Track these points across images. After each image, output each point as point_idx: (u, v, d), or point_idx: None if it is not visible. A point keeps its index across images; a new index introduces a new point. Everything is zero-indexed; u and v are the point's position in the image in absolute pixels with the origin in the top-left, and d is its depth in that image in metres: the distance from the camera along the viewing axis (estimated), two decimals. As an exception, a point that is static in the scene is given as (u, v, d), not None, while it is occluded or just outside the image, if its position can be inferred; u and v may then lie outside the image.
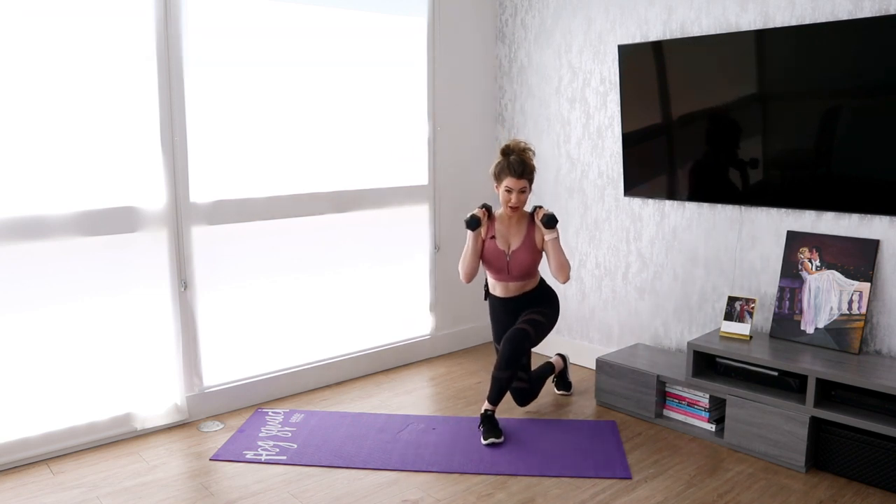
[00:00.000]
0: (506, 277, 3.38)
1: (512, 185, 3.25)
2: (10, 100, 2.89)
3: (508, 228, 3.36)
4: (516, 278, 3.37)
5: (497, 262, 3.35)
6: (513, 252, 3.32)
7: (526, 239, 3.34)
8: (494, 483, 2.89)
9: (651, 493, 2.81)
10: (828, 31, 3.04)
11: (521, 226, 3.36)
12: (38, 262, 3.02)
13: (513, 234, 3.35)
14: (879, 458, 2.80)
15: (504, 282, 3.40)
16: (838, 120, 3.06)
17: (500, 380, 3.25)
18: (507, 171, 3.25)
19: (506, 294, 3.43)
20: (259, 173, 3.63)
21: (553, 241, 3.29)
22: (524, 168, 3.24)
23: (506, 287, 3.42)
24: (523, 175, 3.24)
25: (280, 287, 3.79)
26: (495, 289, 3.45)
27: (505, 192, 3.28)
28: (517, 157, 3.26)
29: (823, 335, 3.16)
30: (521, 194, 3.26)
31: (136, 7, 3.15)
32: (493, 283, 3.46)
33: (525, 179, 3.25)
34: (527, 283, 3.42)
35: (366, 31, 3.96)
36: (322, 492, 2.83)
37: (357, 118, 3.98)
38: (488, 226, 3.37)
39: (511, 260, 3.32)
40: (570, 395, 3.84)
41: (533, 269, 3.38)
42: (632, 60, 3.73)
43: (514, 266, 3.33)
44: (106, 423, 3.25)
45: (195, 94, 3.37)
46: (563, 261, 3.28)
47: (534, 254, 3.34)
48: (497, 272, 3.38)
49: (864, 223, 3.11)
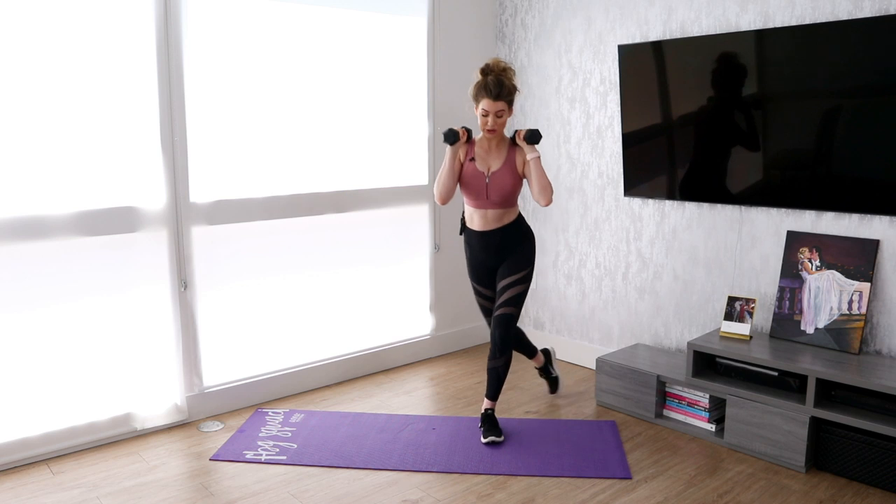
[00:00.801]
0: (484, 203, 3.20)
1: (488, 108, 3.06)
2: (11, 100, 2.89)
3: (488, 152, 3.20)
4: (495, 204, 3.19)
5: (476, 184, 3.18)
6: (492, 174, 3.16)
7: (506, 162, 3.17)
8: (494, 483, 2.89)
9: (651, 493, 2.81)
10: (828, 31, 3.04)
11: (502, 149, 3.20)
12: (38, 262, 3.02)
13: (493, 158, 3.19)
14: (879, 458, 2.80)
15: (482, 209, 3.21)
16: (838, 120, 3.06)
17: (497, 369, 3.24)
18: (484, 91, 3.05)
19: (484, 226, 3.23)
20: (259, 173, 3.63)
21: (535, 160, 3.13)
22: (501, 89, 3.04)
23: (484, 216, 3.22)
24: (500, 97, 3.04)
25: (280, 287, 3.79)
26: (473, 220, 3.26)
27: (482, 115, 3.10)
28: (495, 78, 3.06)
29: (823, 335, 3.16)
30: (498, 118, 3.08)
31: (136, 7, 3.15)
32: (470, 214, 3.27)
33: (503, 101, 3.06)
34: (505, 213, 3.23)
35: (366, 31, 3.96)
36: (322, 492, 2.83)
37: (357, 118, 3.98)
38: (467, 148, 3.21)
39: (490, 182, 3.16)
40: (558, 394, 3.83)
41: (512, 195, 3.20)
42: (632, 60, 3.73)
43: (494, 189, 3.17)
44: (106, 423, 3.25)
45: (195, 94, 3.37)
46: (546, 182, 3.12)
47: (514, 177, 3.17)
48: (476, 197, 3.21)
49: (864, 223, 3.11)
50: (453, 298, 4.57)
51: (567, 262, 4.33)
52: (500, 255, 3.29)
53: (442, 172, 3.19)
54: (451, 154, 3.18)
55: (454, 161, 3.18)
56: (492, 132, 3.12)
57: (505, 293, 3.26)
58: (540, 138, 3.15)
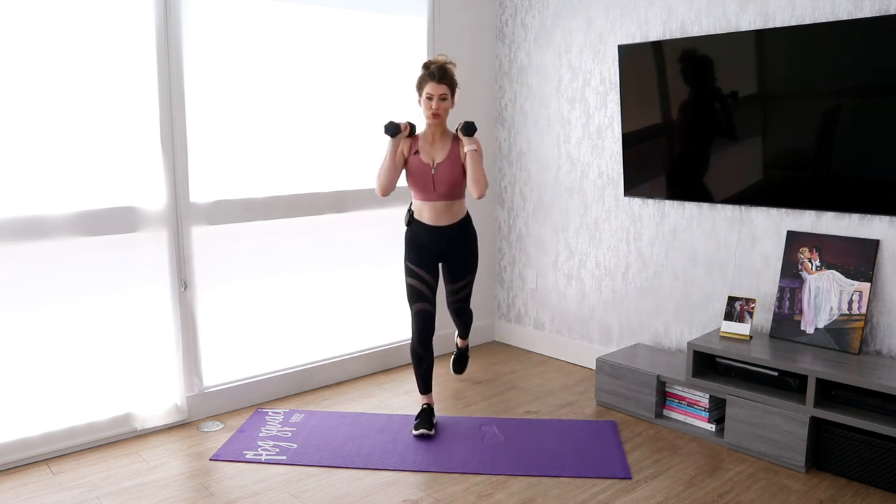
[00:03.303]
0: (432, 195, 3.25)
1: (432, 91, 3.16)
2: (11, 100, 2.89)
3: (432, 144, 3.28)
4: (442, 196, 3.25)
5: (422, 176, 3.24)
6: (438, 165, 3.23)
7: (450, 153, 3.25)
8: (494, 483, 2.89)
9: (651, 493, 2.81)
10: (828, 31, 3.04)
11: (446, 141, 3.28)
12: (38, 262, 3.02)
13: (437, 150, 3.27)
14: (879, 458, 2.80)
15: (431, 201, 3.26)
16: (838, 120, 3.06)
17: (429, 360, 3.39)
18: (428, 77, 3.18)
19: (436, 220, 3.27)
20: (259, 173, 3.63)
21: (472, 151, 3.18)
22: (444, 73, 3.18)
23: (434, 209, 3.26)
24: (443, 80, 3.17)
25: (280, 287, 3.79)
26: (422, 214, 3.29)
27: (426, 100, 3.19)
28: (438, 66, 3.20)
29: (823, 335, 3.16)
30: (441, 101, 3.18)
31: (136, 7, 3.15)
32: (419, 208, 3.30)
33: (445, 85, 3.17)
34: (454, 204, 3.29)
35: (366, 31, 3.96)
36: (322, 492, 2.83)
37: (357, 118, 3.98)
38: (411, 143, 3.29)
39: (436, 173, 3.23)
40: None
41: (458, 186, 3.27)
42: (632, 60, 3.73)
43: (440, 180, 3.24)
44: (106, 423, 3.25)
45: (195, 94, 3.37)
46: (481, 175, 3.18)
47: (458, 168, 3.24)
48: (423, 189, 3.26)
49: (864, 223, 3.11)
50: (453, 298, 4.57)
51: (567, 262, 4.33)
52: (448, 250, 3.34)
53: (382, 165, 3.24)
54: (391, 146, 3.23)
55: (395, 153, 3.24)
56: (436, 116, 3.20)
57: (458, 293, 3.47)
58: (475, 130, 3.22)
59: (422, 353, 3.33)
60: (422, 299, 3.31)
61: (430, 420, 3.33)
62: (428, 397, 3.43)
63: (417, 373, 3.39)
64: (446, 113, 3.23)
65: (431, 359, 3.37)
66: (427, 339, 3.32)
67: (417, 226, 3.33)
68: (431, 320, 3.33)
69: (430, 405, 3.41)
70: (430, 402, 3.43)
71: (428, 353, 3.34)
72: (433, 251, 3.33)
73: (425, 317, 3.31)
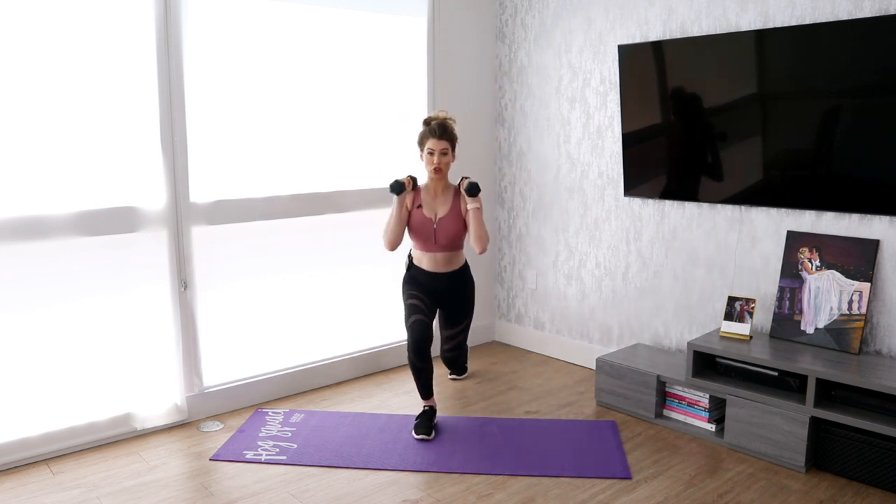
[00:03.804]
0: (432, 247, 3.37)
1: (433, 147, 3.28)
2: (11, 100, 2.89)
3: (434, 198, 3.38)
4: (443, 247, 3.37)
5: (424, 230, 3.35)
6: (439, 220, 3.34)
7: (452, 208, 3.36)
8: (494, 483, 2.89)
9: (651, 493, 2.81)
10: (828, 31, 3.04)
11: (447, 195, 3.39)
12: (38, 262, 3.02)
13: (439, 204, 3.37)
14: (879, 458, 2.80)
15: (431, 252, 3.39)
16: (838, 120, 3.06)
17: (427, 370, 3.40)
18: (429, 133, 3.30)
19: (434, 268, 3.41)
20: (259, 173, 3.63)
21: (475, 210, 3.30)
22: (444, 130, 3.29)
23: (433, 259, 3.40)
24: (443, 136, 3.28)
25: (280, 287, 3.79)
26: (422, 262, 3.43)
27: (428, 155, 3.31)
28: (438, 122, 3.31)
29: (823, 335, 3.16)
30: (443, 156, 3.29)
31: (136, 7, 3.15)
32: (419, 256, 3.44)
33: (446, 141, 3.29)
34: (453, 256, 3.42)
35: (366, 31, 3.96)
36: (322, 492, 2.83)
37: (357, 118, 3.98)
38: (414, 196, 3.39)
39: (438, 227, 3.33)
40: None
41: (459, 239, 3.39)
42: (632, 60, 3.73)
43: (441, 234, 3.34)
44: (106, 423, 3.25)
45: (195, 94, 3.37)
46: (482, 232, 3.29)
47: (459, 222, 3.36)
48: (424, 241, 3.37)
49: (864, 223, 3.11)
50: (453, 298, 4.57)
51: (567, 262, 4.33)
52: (447, 293, 3.48)
53: (390, 221, 3.36)
54: (397, 203, 3.35)
55: (401, 209, 3.36)
56: (438, 171, 3.31)
57: (452, 340, 3.63)
58: (478, 191, 3.31)
59: (419, 364, 3.33)
60: (419, 312, 3.37)
61: (431, 422, 3.33)
62: (430, 400, 3.44)
63: (417, 383, 3.40)
64: (448, 167, 3.34)
65: (430, 368, 3.37)
66: (424, 348, 3.31)
67: (417, 271, 3.46)
68: (427, 329, 3.34)
69: (431, 407, 3.41)
70: (433, 405, 3.43)
71: (425, 364, 3.34)
72: (432, 291, 3.45)
73: (421, 325, 3.33)
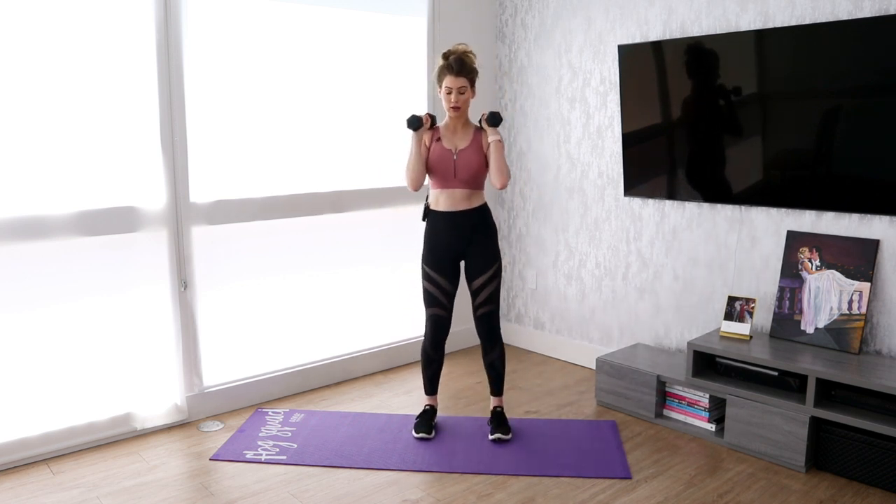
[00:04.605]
0: (452, 182, 3.21)
1: (451, 84, 3.14)
2: (11, 100, 2.89)
3: (454, 133, 3.25)
4: (463, 183, 3.21)
5: (444, 163, 3.20)
6: (460, 152, 3.21)
7: (473, 141, 3.23)
8: (494, 483, 2.89)
9: (651, 493, 2.81)
10: (828, 31, 3.04)
11: (468, 131, 3.26)
12: (38, 262, 3.02)
13: (459, 138, 3.24)
14: (879, 458, 2.80)
15: (450, 188, 3.22)
16: (838, 120, 3.06)
17: (494, 363, 3.32)
18: (447, 69, 3.15)
19: (452, 206, 3.22)
20: (259, 173, 3.63)
21: (496, 142, 3.17)
22: (462, 66, 3.13)
23: (452, 196, 3.22)
24: (461, 73, 3.13)
25: (280, 287, 3.79)
26: (438, 202, 3.24)
27: (446, 94, 3.17)
28: (456, 57, 3.15)
29: (823, 335, 3.16)
30: (461, 95, 3.15)
31: (136, 7, 3.15)
32: (436, 196, 3.26)
33: (464, 77, 3.14)
34: (473, 195, 3.24)
35: (366, 31, 3.96)
36: (322, 492, 2.83)
37: (357, 118, 3.98)
38: (433, 133, 3.27)
39: (458, 160, 3.20)
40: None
41: (480, 174, 3.23)
42: (632, 60, 3.73)
43: (462, 167, 3.20)
44: (106, 423, 3.25)
45: (195, 94, 3.37)
46: (504, 165, 3.17)
47: (481, 156, 3.21)
48: (443, 177, 3.22)
49: (864, 223, 3.11)
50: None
51: (567, 262, 4.33)
52: (468, 240, 3.24)
53: (410, 158, 3.23)
54: (416, 139, 3.23)
55: (420, 145, 3.23)
56: (456, 109, 3.18)
57: (482, 292, 3.26)
58: (501, 121, 3.21)
59: (432, 354, 3.33)
60: (436, 304, 3.28)
61: (431, 422, 3.33)
62: (432, 399, 3.43)
63: (425, 374, 3.38)
64: (467, 104, 3.19)
65: (441, 361, 3.36)
66: (440, 341, 3.31)
67: (434, 216, 3.27)
68: (445, 325, 3.31)
69: (433, 406, 3.41)
70: (434, 404, 3.43)
71: (438, 355, 3.33)
72: (452, 244, 3.23)
73: (438, 321, 3.29)
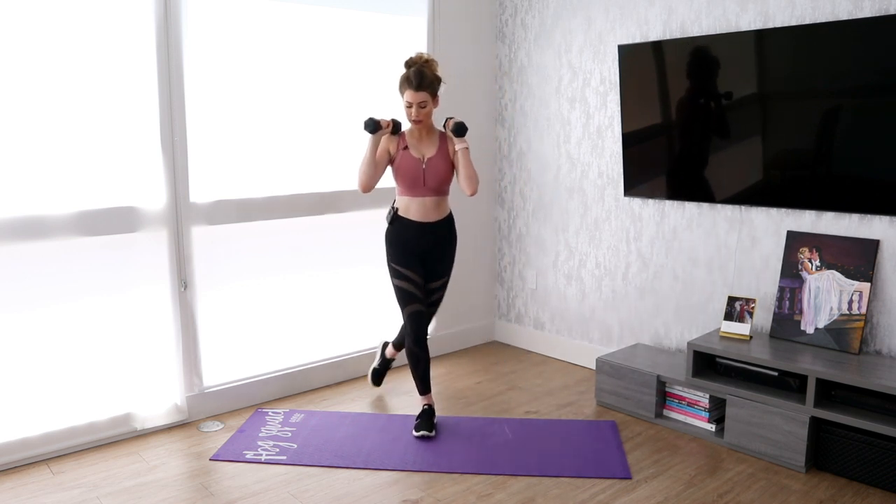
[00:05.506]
0: (422, 190, 3.26)
1: (411, 99, 3.16)
2: (11, 100, 2.89)
3: (420, 141, 3.28)
4: (432, 191, 3.27)
5: (413, 171, 3.24)
6: (428, 160, 3.24)
7: (440, 149, 3.27)
8: (494, 483, 2.89)
9: (651, 493, 2.81)
10: (828, 31, 3.04)
11: (433, 138, 3.30)
12: (38, 262, 3.02)
13: (426, 146, 3.28)
14: (879, 458, 2.80)
15: (420, 196, 3.27)
16: (838, 120, 3.06)
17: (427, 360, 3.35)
18: (406, 83, 3.16)
19: (423, 216, 3.29)
20: (259, 173, 3.63)
21: (463, 150, 3.21)
22: (422, 80, 3.13)
23: (423, 205, 3.28)
24: (421, 87, 3.13)
25: (280, 287, 3.79)
26: (409, 210, 3.29)
27: (406, 107, 3.20)
28: (416, 69, 3.16)
29: (823, 335, 3.16)
30: (421, 108, 3.17)
31: (136, 7, 3.15)
32: (406, 204, 3.30)
33: (424, 92, 3.15)
34: (441, 202, 3.32)
35: (366, 31, 3.96)
36: (322, 492, 2.83)
37: (357, 118, 3.98)
38: (399, 140, 3.29)
39: (427, 168, 3.23)
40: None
41: (447, 181, 3.29)
42: (632, 60, 3.73)
43: (430, 175, 3.24)
44: (106, 423, 3.25)
45: (195, 94, 3.37)
46: (472, 172, 3.21)
47: (448, 164, 3.26)
48: (412, 185, 3.26)
49: (864, 223, 3.11)
50: (453, 299, 4.57)
51: (567, 262, 4.33)
52: (433, 246, 3.34)
53: (363, 161, 3.26)
54: (372, 142, 3.25)
55: (374, 150, 3.25)
56: (418, 122, 3.21)
57: (434, 294, 3.45)
58: (466, 130, 3.22)
59: (418, 352, 3.33)
60: (413, 300, 3.31)
61: (431, 421, 3.33)
62: (428, 397, 3.43)
63: (416, 374, 3.38)
64: (429, 116, 3.24)
65: (428, 358, 3.37)
66: (422, 337, 3.32)
67: (402, 223, 3.32)
68: (425, 320, 3.34)
69: (430, 405, 3.41)
70: (431, 403, 3.43)
71: (424, 353, 3.34)
72: (419, 248, 3.33)
73: (419, 317, 3.31)
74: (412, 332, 3.30)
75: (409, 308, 3.31)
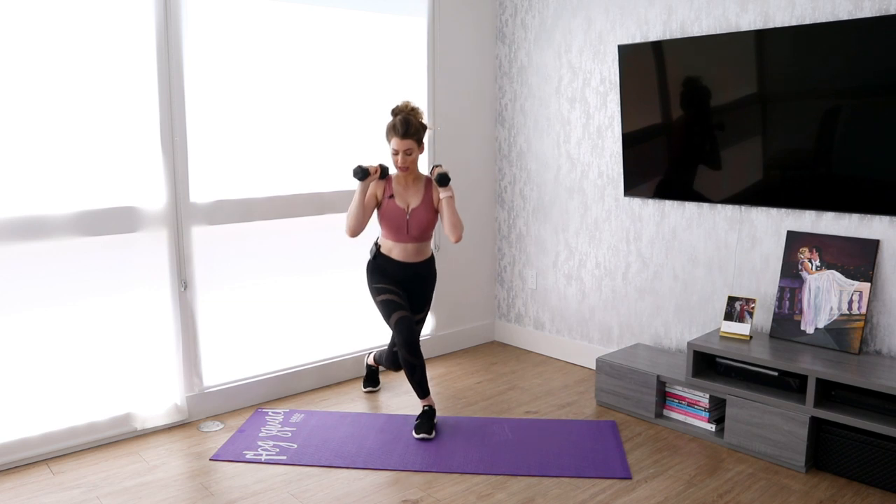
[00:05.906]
0: (405, 237, 3.34)
1: (398, 147, 3.21)
2: (11, 100, 2.89)
3: (406, 189, 3.34)
4: (415, 238, 3.35)
5: (397, 220, 3.32)
6: (412, 210, 3.31)
7: (424, 198, 3.33)
8: (494, 483, 2.89)
9: (651, 493, 2.81)
10: (828, 31, 3.04)
11: (419, 186, 3.35)
12: (38, 262, 3.02)
13: (411, 195, 3.34)
14: (879, 458, 2.80)
15: (403, 242, 3.35)
16: (838, 120, 3.06)
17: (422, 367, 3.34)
18: (392, 131, 3.21)
19: (405, 258, 3.37)
20: (259, 173, 3.63)
21: (447, 199, 3.28)
22: (408, 128, 3.19)
23: (405, 250, 3.36)
24: (407, 135, 3.20)
25: (280, 287, 3.79)
26: (391, 252, 3.38)
27: (393, 154, 3.25)
28: (403, 117, 3.21)
29: (823, 335, 3.16)
30: (407, 155, 3.23)
31: (136, 7, 3.15)
32: (389, 247, 3.38)
33: (410, 139, 3.21)
34: (423, 247, 3.40)
35: (366, 31, 3.96)
36: (322, 492, 2.83)
37: (357, 118, 3.98)
38: (385, 185, 3.34)
39: (411, 218, 3.31)
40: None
41: (430, 230, 3.37)
42: (632, 60, 3.73)
43: (414, 225, 3.32)
44: (106, 423, 3.25)
45: (195, 94, 3.37)
46: (456, 220, 3.27)
47: (431, 213, 3.34)
48: (396, 232, 3.34)
49: (864, 223, 3.11)
50: (453, 299, 4.57)
51: (567, 262, 4.33)
52: (414, 284, 3.43)
53: (351, 207, 3.31)
54: (361, 189, 3.31)
55: (363, 196, 3.31)
56: (404, 169, 3.28)
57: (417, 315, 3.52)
58: (448, 181, 3.29)
59: (413, 360, 3.29)
60: (398, 308, 3.31)
61: (431, 422, 3.32)
62: (427, 400, 3.42)
63: (412, 381, 3.35)
64: (415, 164, 3.30)
65: (423, 364, 3.34)
66: (414, 344, 3.28)
67: (384, 260, 3.40)
68: (414, 324, 3.32)
69: (431, 406, 3.41)
70: (431, 404, 3.42)
71: (419, 360, 3.31)
72: (400, 281, 3.41)
73: (407, 322, 3.28)
74: (403, 341, 3.26)
75: (394, 316, 3.30)
